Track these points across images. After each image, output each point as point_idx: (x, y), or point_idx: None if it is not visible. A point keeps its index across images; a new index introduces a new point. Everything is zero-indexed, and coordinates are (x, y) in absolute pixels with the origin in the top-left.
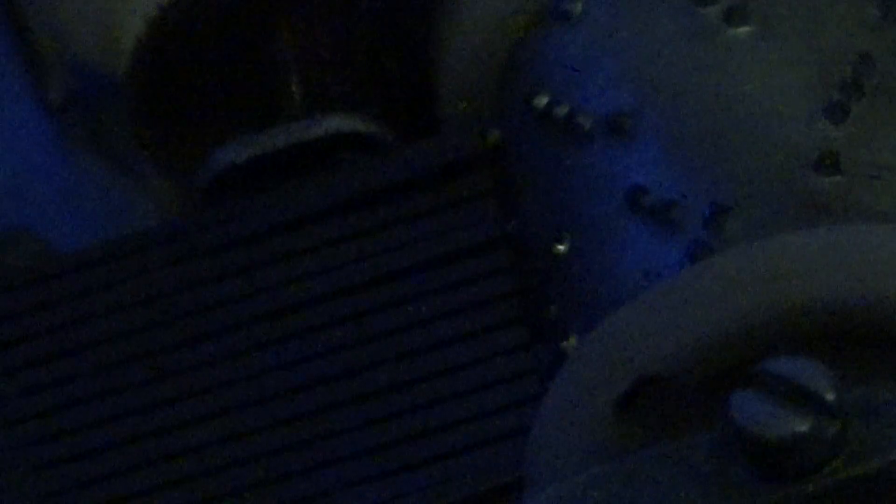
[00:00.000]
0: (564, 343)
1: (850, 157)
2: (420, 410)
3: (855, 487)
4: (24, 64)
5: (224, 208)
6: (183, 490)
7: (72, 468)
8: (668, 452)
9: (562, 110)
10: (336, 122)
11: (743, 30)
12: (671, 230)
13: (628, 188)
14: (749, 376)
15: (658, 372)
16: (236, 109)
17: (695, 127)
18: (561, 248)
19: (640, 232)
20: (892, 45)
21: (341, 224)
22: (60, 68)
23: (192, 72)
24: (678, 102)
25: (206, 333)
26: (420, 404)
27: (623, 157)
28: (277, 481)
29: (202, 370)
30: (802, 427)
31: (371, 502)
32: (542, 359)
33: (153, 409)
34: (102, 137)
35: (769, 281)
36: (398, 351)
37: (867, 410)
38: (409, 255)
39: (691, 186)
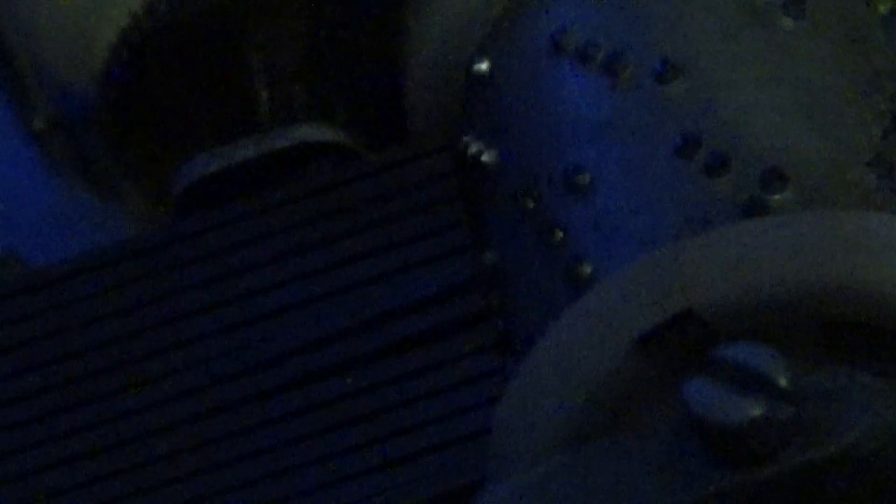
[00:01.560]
0: (577, 268)
1: None
2: (388, 411)
3: (811, 472)
4: (8, 90)
5: (195, 220)
6: (157, 498)
7: (46, 478)
8: (624, 442)
9: (601, 52)
10: (305, 132)
11: (798, 23)
12: (724, 184)
13: (681, 136)
14: (702, 363)
15: (702, 312)
16: (207, 121)
17: (748, 93)
18: (584, 179)
19: (689, 179)
20: None
21: (312, 233)
22: (43, 94)
23: (162, 84)
24: (730, 68)
25: (178, 343)
26: (388, 405)
27: (673, 105)
28: (248, 485)
29: (175, 380)
30: (756, 412)
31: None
32: (509, 359)
33: (127, 418)
34: (86, 161)
35: (834, 252)
36: (367, 353)
37: (822, 395)
38: (378, 262)
39: (748, 146)
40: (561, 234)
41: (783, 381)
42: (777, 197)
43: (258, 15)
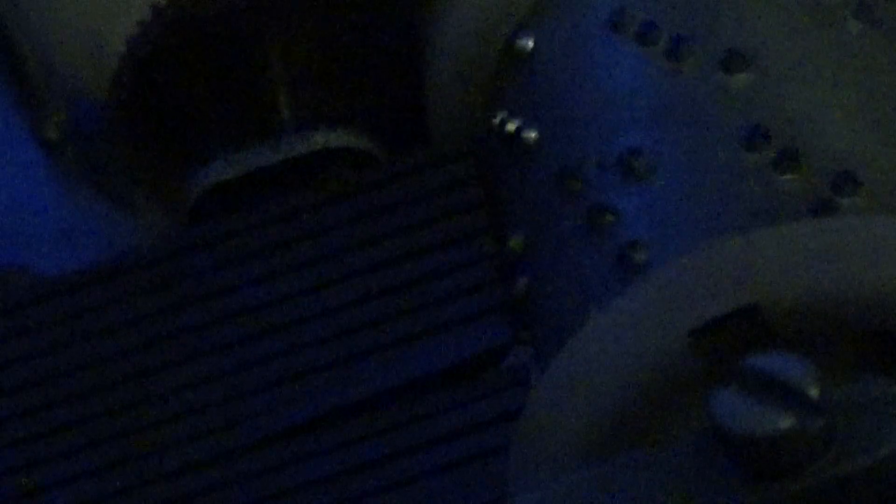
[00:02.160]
0: (631, 253)
1: None
2: (406, 426)
3: (842, 486)
4: (21, 101)
5: (210, 227)
6: None
7: (56, 491)
8: (649, 455)
9: (664, 36)
10: (324, 137)
11: (866, 27)
12: (794, 181)
13: (749, 129)
14: (731, 374)
15: (766, 309)
16: (222, 126)
17: (816, 92)
18: (641, 163)
19: (757, 173)
20: None
21: (331, 241)
22: (56, 102)
23: (176, 89)
24: (797, 65)
25: (192, 354)
26: (405, 420)
27: (740, 96)
28: (261, 501)
29: (188, 391)
30: (785, 424)
31: None
32: (527, 367)
33: (140, 431)
34: (99, 171)
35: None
36: (385, 367)
37: (855, 407)
38: (397, 271)
39: (819, 146)
40: (612, 218)
41: (814, 392)
42: (847, 201)
43: (275, 18)
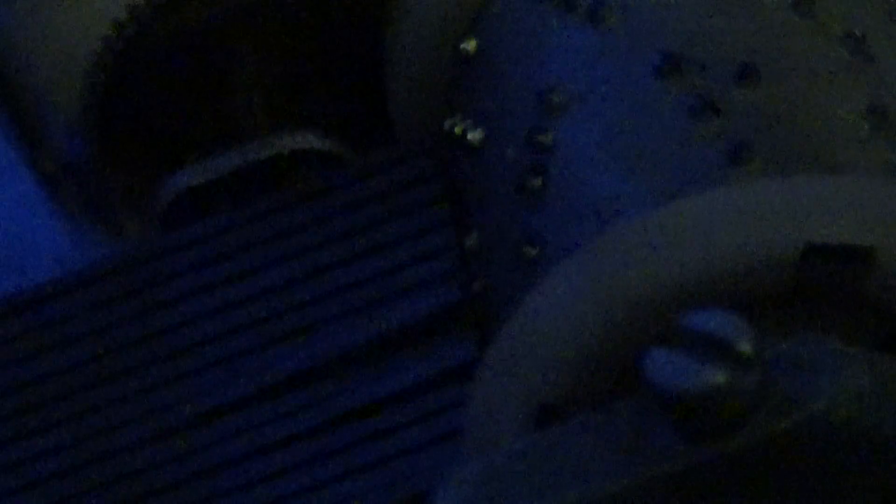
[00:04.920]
0: (742, 154)
1: None
2: (368, 413)
3: (779, 442)
4: (18, 135)
5: (181, 232)
6: None
7: (28, 492)
8: (589, 421)
9: None
10: (290, 140)
11: None
12: None
13: (870, 102)
14: (665, 333)
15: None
16: (193, 133)
17: None
18: (758, 79)
19: (874, 142)
20: None
21: (300, 241)
22: (52, 136)
23: (143, 97)
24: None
25: (166, 356)
26: (368, 408)
27: (863, 71)
28: (226, 493)
29: (163, 392)
30: (718, 379)
31: None
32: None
33: (113, 431)
34: (91, 199)
35: None
36: (348, 357)
37: (789, 363)
38: (364, 266)
39: None
40: (720, 118)
41: (746, 349)
42: None
43: (241, 24)
